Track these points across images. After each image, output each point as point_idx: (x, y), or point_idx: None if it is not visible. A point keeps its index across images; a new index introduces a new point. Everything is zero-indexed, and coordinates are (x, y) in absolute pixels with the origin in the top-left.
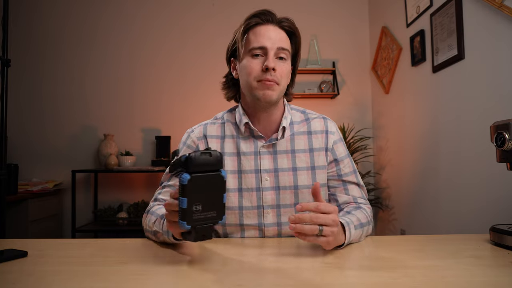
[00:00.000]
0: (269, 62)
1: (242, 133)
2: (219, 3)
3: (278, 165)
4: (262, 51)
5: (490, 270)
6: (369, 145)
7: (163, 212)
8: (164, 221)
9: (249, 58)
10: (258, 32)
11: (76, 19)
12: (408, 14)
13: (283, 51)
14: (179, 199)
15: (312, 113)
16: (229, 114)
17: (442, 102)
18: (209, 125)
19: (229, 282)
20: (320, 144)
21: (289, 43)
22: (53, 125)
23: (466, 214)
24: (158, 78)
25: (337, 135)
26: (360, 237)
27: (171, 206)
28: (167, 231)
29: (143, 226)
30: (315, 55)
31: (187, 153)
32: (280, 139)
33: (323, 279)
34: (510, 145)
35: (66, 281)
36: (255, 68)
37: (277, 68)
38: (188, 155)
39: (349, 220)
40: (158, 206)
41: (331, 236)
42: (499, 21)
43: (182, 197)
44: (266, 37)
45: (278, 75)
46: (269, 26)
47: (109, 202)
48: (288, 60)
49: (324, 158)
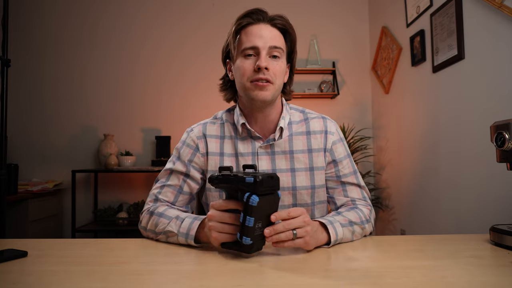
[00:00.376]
0: (261, 61)
1: (240, 134)
2: (219, 3)
3: (276, 166)
4: (254, 51)
5: (490, 270)
6: (369, 145)
7: (175, 213)
8: (182, 223)
9: (242, 59)
10: (250, 32)
11: (76, 19)
12: (408, 14)
13: (276, 49)
14: (246, 218)
15: (312, 112)
16: (228, 114)
17: (442, 102)
18: (209, 124)
19: (229, 282)
20: (319, 145)
21: (282, 41)
22: (53, 125)
23: (466, 214)
24: (158, 78)
25: (337, 135)
26: (353, 236)
27: (217, 218)
28: (187, 234)
29: (142, 225)
30: (315, 55)
31: (248, 174)
32: (278, 140)
33: (323, 279)
34: (510, 145)
35: (66, 281)
36: (248, 69)
37: (270, 67)
38: (256, 178)
39: (333, 219)
40: (165, 207)
41: (306, 236)
42: (499, 21)
43: (250, 216)
44: (257, 37)
45: (272, 73)
46: (260, 25)
47: (109, 202)
48: (282, 58)
49: (323, 159)
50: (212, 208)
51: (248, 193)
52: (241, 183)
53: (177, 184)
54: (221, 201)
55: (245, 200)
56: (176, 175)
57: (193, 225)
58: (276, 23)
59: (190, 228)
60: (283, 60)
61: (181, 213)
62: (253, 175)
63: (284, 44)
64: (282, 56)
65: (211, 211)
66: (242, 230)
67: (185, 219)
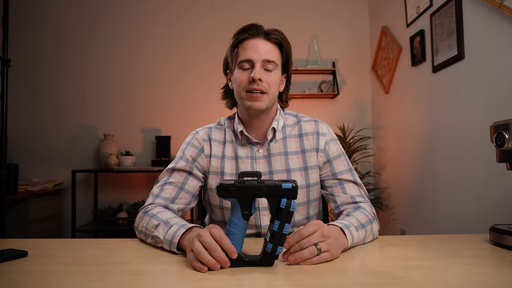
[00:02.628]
0: (255, 73)
1: (240, 140)
2: (219, 3)
3: (272, 168)
4: (250, 64)
5: (490, 270)
6: (369, 145)
7: (166, 217)
8: (169, 230)
9: (239, 70)
10: (246, 46)
11: (76, 19)
12: (408, 14)
13: (269, 63)
14: (284, 225)
15: (305, 116)
16: (229, 121)
17: (442, 102)
18: (214, 129)
19: (229, 282)
20: (311, 145)
21: (276, 54)
22: (53, 125)
23: (466, 214)
24: (158, 78)
25: (329, 135)
26: (365, 238)
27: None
28: (171, 241)
29: (135, 225)
30: (315, 55)
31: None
32: (272, 141)
33: (323, 279)
34: (510, 145)
35: (65, 281)
36: (243, 80)
37: (264, 78)
38: (293, 184)
39: (348, 222)
40: (159, 209)
41: (331, 249)
42: (499, 21)
43: (288, 223)
44: (252, 51)
45: (266, 84)
46: (255, 40)
47: (109, 202)
48: (276, 70)
49: (316, 159)
50: (210, 230)
51: (284, 199)
52: (287, 191)
53: (179, 181)
54: (220, 232)
55: (284, 207)
56: (179, 172)
57: (177, 233)
58: (270, 37)
59: (174, 236)
60: (276, 72)
61: (172, 218)
62: (287, 181)
63: (279, 56)
64: (276, 68)
65: (205, 235)
66: (278, 239)
67: (173, 226)
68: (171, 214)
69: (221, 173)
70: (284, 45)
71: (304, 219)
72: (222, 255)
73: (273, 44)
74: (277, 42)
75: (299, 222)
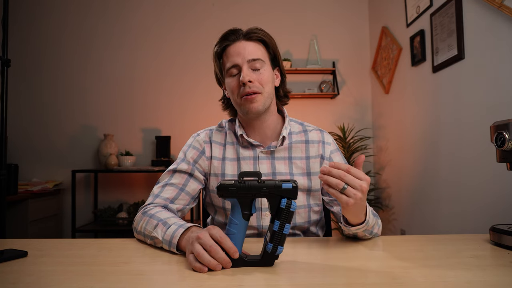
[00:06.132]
0: (243, 77)
1: (241, 143)
2: (219, 3)
3: (276, 169)
4: (237, 69)
5: (490, 270)
6: (369, 145)
7: (165, 216)
8: (167, 230)
9: (229, 78)
10: (229, 52)
11: (76, 19)
12: (408, 14)
13: (256, 61)
14: (285, 226)
15: (309, 125)
16: (230, 123)
17: (442, 102)
18: (215, 131)
19: (229, 282)
20: (317, 152)
21: (261, 51)
22: (53, 125)
23: (466, 214)
24: (158, 78)
25: (334, 145)
26: (373, 226)
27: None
28: (170, 242)
29: (133, 225)
30: (315, 55)
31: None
32: (279, 147)
33: (323, 279)
34: (510, 145)
35: (66, 281)
36: (235, 86)
37: (254, 78)
38: (293, 184)
39: (368, 206)
40: (158, 209)
41: (352, 198)
42: (499, 21)
43: (288, 223)
44: (236, 55)
45: (257, 84)
46: (236, 43)
47: (109, 202)
48: (265, 67)
49: (319, 165)
50: (210, 232)
51: (285, 199)
52: (277, 189)
53: (179, 183)
54: (221, 233)
55: (284, 207)
56: (180, 174)
57: (176, 233)
58: (251, 36)
59: (173, 236)
60: (266, 68)
61: (171, 218)
62: (287, 181)
63: (265, 52)
64: (264, 65)
65: (204, 237)
66: (278, 239)
67: (171, 226)
68: (170, 214)
69: (222, 174)
70: (266, 40)
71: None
72: (224, 256)
73: (255, 43)
74: (259, 39)
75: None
